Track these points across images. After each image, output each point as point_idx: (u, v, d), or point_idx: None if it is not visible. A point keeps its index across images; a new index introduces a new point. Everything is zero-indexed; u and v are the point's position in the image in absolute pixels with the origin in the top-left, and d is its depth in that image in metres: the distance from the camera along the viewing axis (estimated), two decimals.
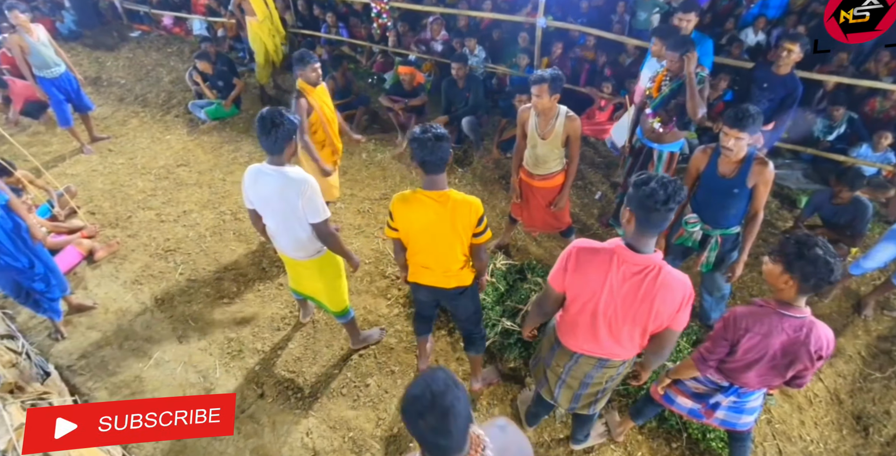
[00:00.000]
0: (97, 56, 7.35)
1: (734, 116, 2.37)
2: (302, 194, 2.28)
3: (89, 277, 3.74)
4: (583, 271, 1.76)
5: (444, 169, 2.09)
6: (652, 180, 1.60)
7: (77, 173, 4.83)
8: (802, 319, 1.80)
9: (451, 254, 2.23)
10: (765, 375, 1.95)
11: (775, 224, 4.19)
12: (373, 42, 6.59)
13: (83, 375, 3.10)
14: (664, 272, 1.67)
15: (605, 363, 1.98)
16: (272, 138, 2.21)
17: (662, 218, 1.61)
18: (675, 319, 1.73)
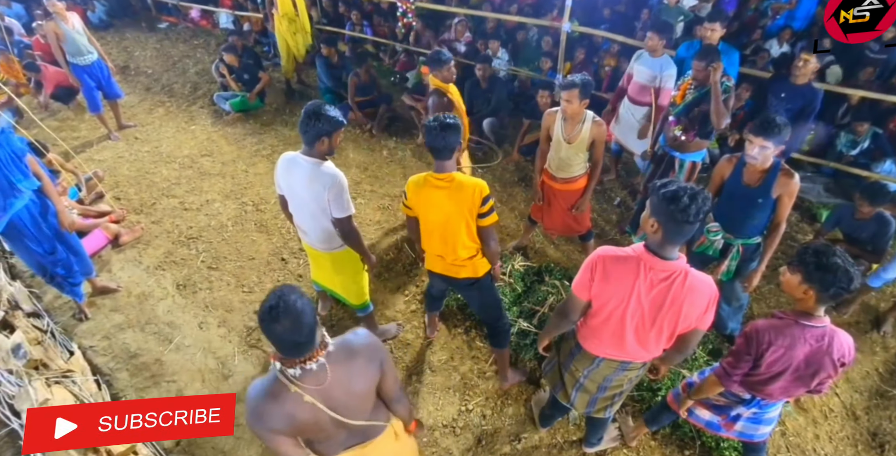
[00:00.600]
0: (126, 45, 7.49)
1: (760, 124, 2.38)
2: (330, 188, 2.31)
3: (114, 261, 3.82)
4: (610, 280, 1.77)
5: (449, 156, 2.20)
6: (682, 194, 1.57)
7: (104, 159, 4.93)
8: (824, 329, 1.81)
9: (459, 237, 2.30)
10: (790, 386, 1.94)
11: (795, 237, 4.17)
12: (396, 41, 6.65)
13: (105, 355, 3.17)
14: (691, 276, 1.69)
15: (627, 366, 2.00)
16: (310, 130, 2.25)
17: (691, 230, 1.63)
18: (701, 320, 1.75)
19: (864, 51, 5.39)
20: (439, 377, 3.00)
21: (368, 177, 4.72)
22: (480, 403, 2.86)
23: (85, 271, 3.26)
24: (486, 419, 2.79)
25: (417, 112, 5.21)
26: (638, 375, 2.08)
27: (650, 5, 6.16)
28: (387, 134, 5.36)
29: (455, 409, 2.84)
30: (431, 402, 2.88)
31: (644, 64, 3.82)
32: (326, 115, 2.21)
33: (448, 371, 3.03)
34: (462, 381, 2.98)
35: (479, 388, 2.94)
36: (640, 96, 3.90)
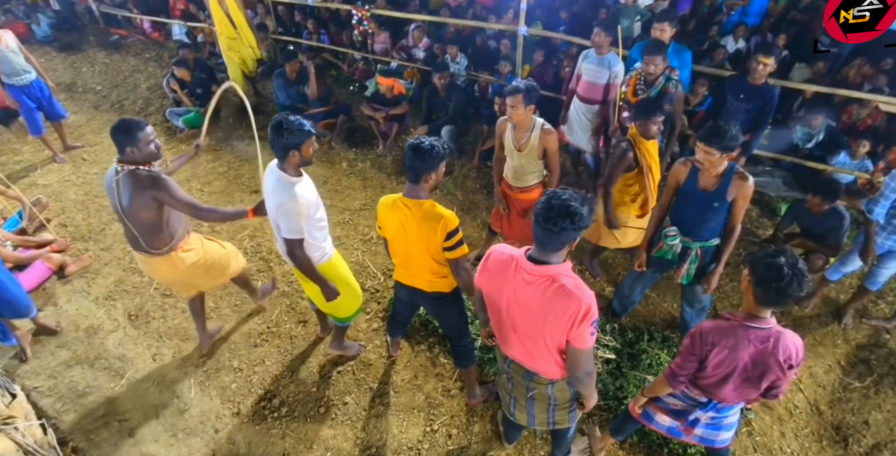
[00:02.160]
0: (73, 61, 7.21)
1: (707, 132, 2.39)
2: (279, 206, 2.25)
3: (60, 293, 3.63)
4: (490, 274, 1.80)
5: (419, 180, 2.13)
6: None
7: (49, 183, 4.70)
8: (769, 330, 1.81)
9: (424, 262, 2.28)
10: (740, 388, 1.94)
11: (755, 232, 4.22)
12: (354, 49, 6.54)
13: (51, 396, 3.00)
14: (559, 284, 1.62)
15: (533, 377, 1.96)
16: (277, 144, 2.20)
17: (555, 235, 1.57)
18: (570, 334, 1.67)
19: (816, 44, 5.51)
20: (403, 398, 2.93)
21: (328, 191, 4.61)
22: (446, 423, 2.80)
23: (18, 314, 3.06)
24: (451, 439, 2.73)
25: (376, 122, 5.12)
26: (550, 394, 2.00)
27: (607, 5, 6.20)
28: (346, 145, 5.25)
29: (420, 430, 2.77)
30: (395, 424, 2.80)
31: (591, 62, 3.83)
32: (291, 126, 2.17)
33: (412, 391, 2.96)
34: (427, 400, 2.91)
35: (444, 406, 2.87)
36: (590, 95, 3.90)
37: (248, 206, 2.58)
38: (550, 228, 1.54)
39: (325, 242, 2.55)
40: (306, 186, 2.33)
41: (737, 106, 3.66)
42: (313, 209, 2.36)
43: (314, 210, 2.38)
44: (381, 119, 5.03)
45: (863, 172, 4.40)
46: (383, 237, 2.39)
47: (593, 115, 3.99)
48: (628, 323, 3.35)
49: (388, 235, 2.32)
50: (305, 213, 2.29)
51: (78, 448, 2.75)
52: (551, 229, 1.54)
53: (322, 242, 2.52)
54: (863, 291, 3.37)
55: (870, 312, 3.57)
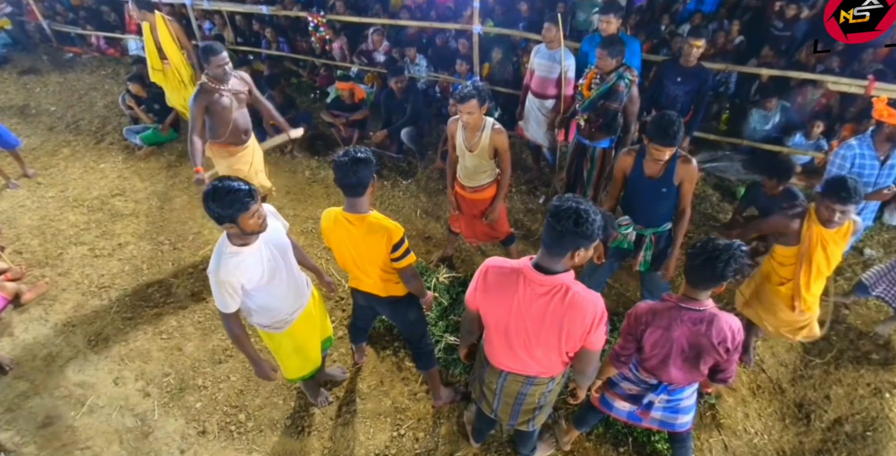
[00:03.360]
0: (25, 82, 7.03)
1: (663, 133, 2.36)
2: (209, 273, 2.03)
3: (16, 323, 3.53)
4: (491, 291, 1.75)
5: (362, 193, 2.11)
6: (565, 207, 1.54)
7: (2, 210, 4.57)
8: (702, 312, 1.86)
9: (373, 271, 2.27)
10: (682, 369, 1.99)
11: (716, 217, 4.28)
12: (314, 56, 6.49)
13: (9, 429, 2.92)
14: (572, 292, 1.64)
15: (533, 381, 1.96)
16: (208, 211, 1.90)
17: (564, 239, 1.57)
18: (587, 340, 1.70)
19: (770, 28, 5.62)
20: (370, 404, 2.91)
21: (291, 200, 4.57)
22: (412, 427, 2.79)
23: None
24: (418, 442, 2.72)
25: (337, 129, 5.09)
26: (549, 389, 2.03)
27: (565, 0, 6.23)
28: (308, 154, 5.20)
29: (387, 435, 2.76)
30: (362, 431, 2.79)
31: (542, 57, 3.86)
32: (223, 197, 1.82)
33: (378, 397, 2.94)
34: (393, 405, 2.89)
35: (410, 410, 2.86)
36: (543, 89, 3.93)
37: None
38: (555, 226, 1.53)
39: (275, 318, 2.25)
40: (246, 260, 1.98)
41: (674, 89, 3.76)
42: (253, 283, 2.03)
43: (255, 284, 2.04)
44: (342, 125, 5.00)
45: (819, 152, 4.49)
46: (330, 247, 2.37)
47: (547, 109, 4.01)
48: None
49: (333, 248, 2.31)
50: (237, 289, 2.00)
51: None
52: (555, 227, 1.53)
53: (269, 316, 2.22)
54: None
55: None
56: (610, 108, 3.35)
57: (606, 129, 3.44)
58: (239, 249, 1.97)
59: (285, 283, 2.18)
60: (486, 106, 2.79)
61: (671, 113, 2.45)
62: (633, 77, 3.29)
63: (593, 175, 3.76)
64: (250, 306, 2.15)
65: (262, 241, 2.04)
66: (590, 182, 3.79)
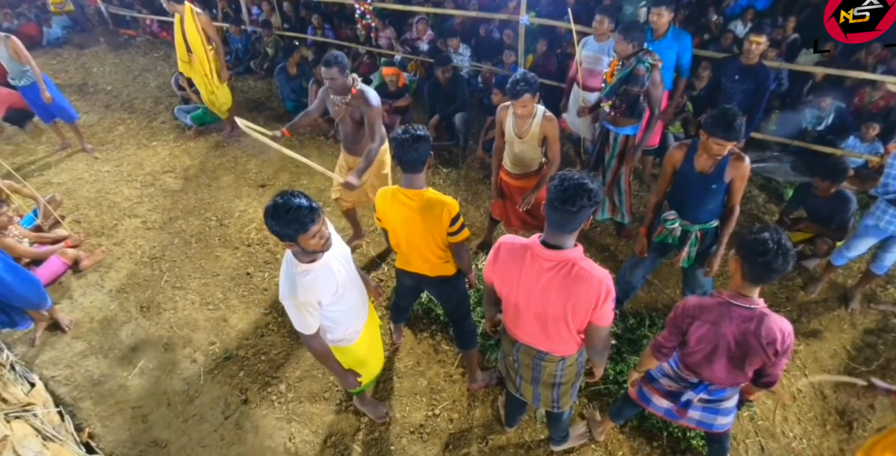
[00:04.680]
0: (84, 62, 7.35)
1: (717, 126, 2.32)
2: (282, 299, 1.95)
3: (75, 287, 3.75)
4: (502, 265, 1.81)
5: (420, 169, 2.18)
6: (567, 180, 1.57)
7: (63, 182, 4.83)
8: (752, 310, 1.82)
9: (428, 249, 2.31)
10: (726, 368, 1.96)
11: (762, 218, 4.17)
12: (358, 43, 6.57)
13: (68, 385, 3.11)
14: (578, 267, 1.66)
15: (544, 357, 1.99)
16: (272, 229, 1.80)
17: (568, 217, 1.60)
18: (594, 315, 1.72)
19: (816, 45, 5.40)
20: (406, 383, 2.98)
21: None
22: (448, 407, 2.84)
23: (32, 305, 3.19)
24: (453, 423, 2.77)
25: None
26: (560, 369, 2.04)
27: None
28: None
29: (422, 414, 2.82)
30: (398, 408, 2.86)
31: (590, 49, 3.82)
32: (285, 215, 1.72)
33: (414, 376, 3.01)
34: (429, 385, 2.95)
35: (445, 392, 2.92)
36: (590, 82, 3.89)
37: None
38: (569, 209, 1.55)
39: (347, 330, 2.19)
40: (317, 275, 1.90)
41: (732, 87, 3.66)
42: (329, 298, 1.98)
43: (331, 298, 1.99)
44: (385, 111, 5.06)
45: (873, 155, 4.32)
46: (382, 228, 2.42)
47: (592, 102, 3.97)
48: (629, 309, 3.35)
49: (388, 227, 2.35)
50: (316, 307, 1.95)
51: (94, 434, 2.86)
52: (570, 209, 1.55)
53: (343, 328, 2.17)
54: (869, 276, 3.32)
55: (878, 297, 3.52)
56: (631, 93, 3.31)
57: (630, 114, 3.41)
58: (309, 267, 1.88)
59: (354, 293, 2.15)
60: (537, 96, 2.81)
61: (732, 107, 2.41)
62: (655, 61, 3.23)
63: (613, 162, 3.71)
64: (324, 323, 2.07)
65: (329, 253, 1.95)
66: (609, 168, 3.75)
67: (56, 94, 4.84)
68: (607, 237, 4.01)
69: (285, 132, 3.20)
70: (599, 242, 3.96)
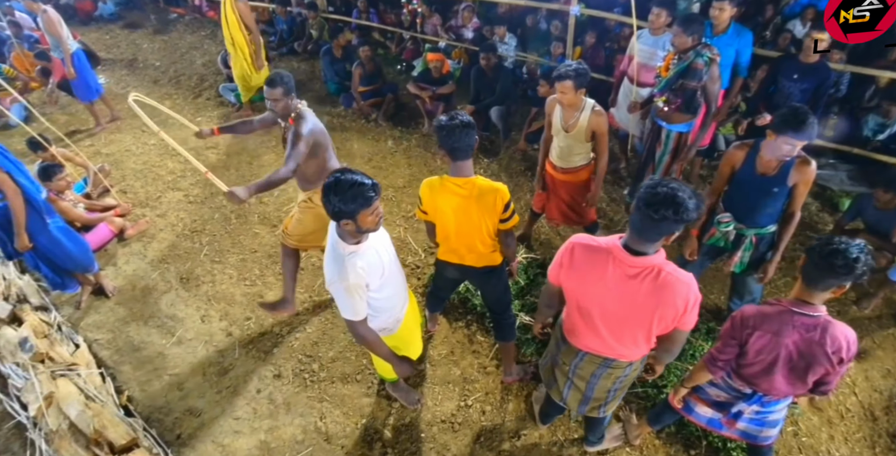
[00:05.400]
0: (134, 38, 7.52)
1: (800, 124, 2.18)
2: (329, 283, 1.90)
3: (119, 255, 3.85)
4: (578, 269, 1.72)
5: (470, 155, 2.13)
6: (660, 189, 1.48)
7: (111, 153, 4.96)
8: (816, 318, 1.73)
9: (477, 238, 2.27)
10: (787, 378, 1.87)
11: (815, 227, 3.99)
12: (402, 28, 6.52)
13: (109, 348, 3.20)
14: (665, 274, 1.58)
15: (611, 363, 1.92)
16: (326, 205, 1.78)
17: (663, 226, 1.51)
18: (681, 320, 1.65)
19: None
20: (439, 371, 2.96)
21: (373, 168, 4.66)
22: (480, 399, 2.81)
23: (81, 268, 3.29)
24: (485, 415, 2.74)
25: (423, 101, 5.11)
26: (626, 374, 1.98)
27: None
28: (392, 123, 5.28)
29: (454, 404, 2.80)
30: (430, 396, 2.84)
31: (645, 43, 3.70)
32: (343, 191, 1.70)
33: (448, 365, 2.99)
34: (462, 376, 2.93)
35: (479, 383, 2.89)
36: (643, 77, 3.76)
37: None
38: (651, 215, 1.48)
39: (389, 319, 2.14)
40: (365, 256, 1.86)
41: (790, 86, 3.51)
42: (376, 281, 1.93)
43: (378, 281, 1.94)
44: (428, 98, 5.02)
45: None
46: (426, 221, 2.36)
47: (643, 98, 3.85)
48: None
49: (436, 217, 2.28)
50: (365, 290, 1.90)
51: (132, 397, 2.94)
52: (652, 216, 1.48)
53: (385, 317, 2.11)
54: None
55: None
56: (688, 88, 3.20)
57: (686, 109, 3.29)
58: (356, 248, 1.84)
59: (398, 277, 2.11)
60: (582, 89, 2.73)
61: (802, 105, 2.28)
62: (714, 55, 3.10)
63: (665, 159, 3.59)
64: (368, 312, 1.99)
65: (372, 235, 1.92)
66: (660, 166, 3.63)
67: (84, 72, 4.92)
68: None
69: (215, 131, 3.01)
70: None
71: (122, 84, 6.34)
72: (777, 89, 3.62)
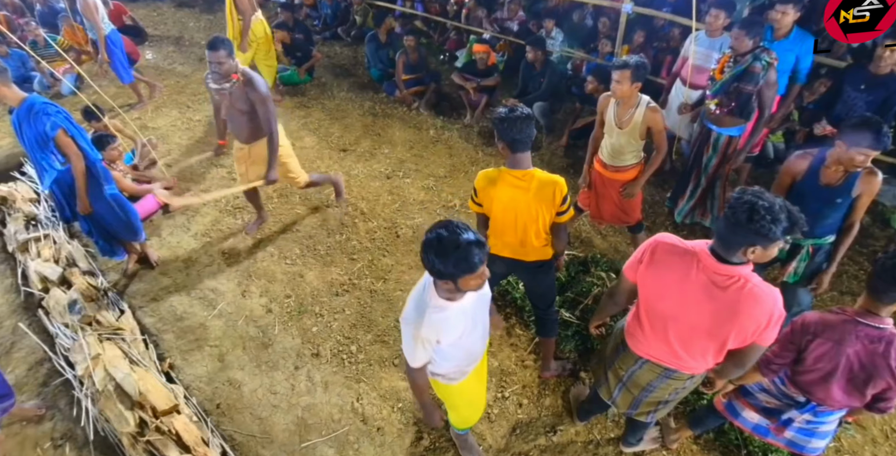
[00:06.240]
0: (180, 17, 7.63)
1: (876, 133, 2.10)
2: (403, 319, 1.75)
3: (164, 226, 3.93)
4: (658, 268, 1.67)
5: (529, 147, 2.12)
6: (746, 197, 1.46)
7: (158, 127, 5.05)
8: (882, 330, 1.69)
9: (532, 231, 2.25)
10: (844, 389, 1.82)
11: (864, 242, 3.87)
12: (447, 18, 6.49)
13: (153, 316, 3.28)
14: (751, 285, 1.54)
15: (672, 374, 1.88)
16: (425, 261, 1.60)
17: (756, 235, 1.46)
18: (762, 335, 1.59)
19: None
20: None
21: (414, 155, 4.67)
22: (517, 392, 2.81)
23: (131, 236, 3.37)
24: (521, 408, 2.74)
25: (466, 92, 5.09)
26: (685, 386, 1.95)
27: None
28: (434, 113, 5.27)
29: (491, 395, 2.80)
30: None
31: (701, 45, 3.62)
32: (447, 253, 1.49)
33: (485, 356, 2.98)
34: (499, 367, 2.93)
35: (516, 376, 2.88)
36: (696, 79, 3.69)
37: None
38: (728, 218, 1.47)
39: (453, 370, 1.97)
40: (450, 316, 1.69)
41: (855, 97, 3.39)
42: (451, 340, 1.76)
43: (453, 340, 1.77)
44: (472, 89, 5.00)
45: None
46: (480, 213, 2.34)
47: (695, 101, 3.77)
48: None
49: (491, 210, 2.26)
50: (433, 344, 1.75)
51: (174, 365, 3.00)
52: (729, 219, 1.47)
53: (449, 366, 1.94)
54: None
55: None
56: (744, 91, 3.12)
57: (739, 113, 3.21)
58: (445, 304, 1.66)
59: (478, 340, 1.93)
60: (638, 84, 2.70)
61: (872, 115, 2.21)
62: (772, 59, 3.02)
63: (712, 164, 3.51)
64: (433, 356, 1.85)
65: (471, 295, 1.72)
66: (707, 170, 3.55)
67: (118, 57, 4.98)
68: None
69: (221, 143, 3.37)
70: None
71: (169, 60, 6.44)
72: (841, 99, 3.51)
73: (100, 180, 3.04)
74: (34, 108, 2.77)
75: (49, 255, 3.48)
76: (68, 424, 2.71)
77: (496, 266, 2.55)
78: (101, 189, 3.05)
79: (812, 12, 5.76)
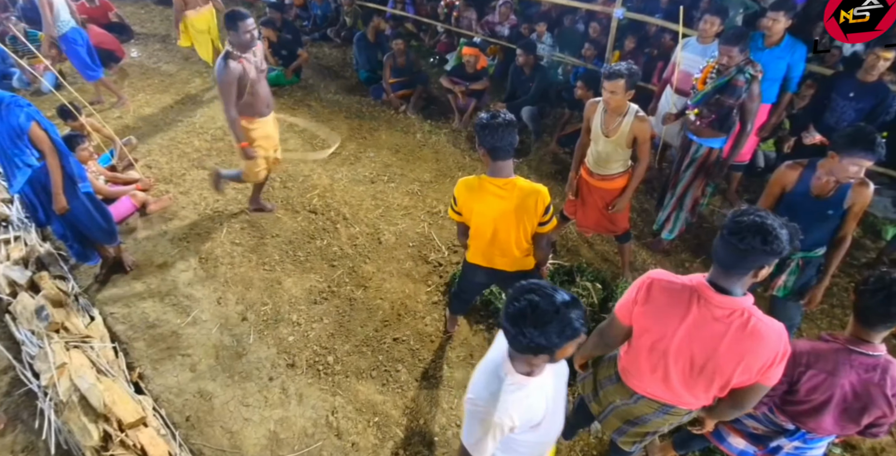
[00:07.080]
0: (168, 14, 7.48)
1: (869, 143, 2.04)
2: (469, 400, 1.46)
3: (140, 229, 3.81)
4: (653, 306, 1.57)
5: (511, 155, 2.06)
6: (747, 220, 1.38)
7: (139, 126, 4.93)
8: (876, 358, 1.63)
9: (513, 241, 2.19)
10: (838, 420, 1.75)
11: (855, 254, 3.83)
12: (437, 21, 6.42)
13: (124, 323, 3.16)
14: (755, 320, 1.45)
15: (669, 410, 1.79)
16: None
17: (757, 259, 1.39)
18: (765, 374, 1.49)
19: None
20: (456, 374, 2.88)
21: (399, 160, 4.58)
22: None
23: (106, 240, 3.25)
24: None
25: (455, 95, 5.02)
26: (681, 421, 1.88)
27: None
28: (421, 117, 5.19)
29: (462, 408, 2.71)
30: (446, 399, 2.76)
31: (692, 51, 3.57)
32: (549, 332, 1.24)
33: (466, 368, 2.90)
34: None
35: None
36: (686, 86, 3.63)
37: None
38: (736, 244, 1.36)
39: None
40: (530, 396, 1.39)
41: (844, 105, 3.37)
42: (526, 426, 1.43)
43: (522, 428, 1.43)
44: (461, 93, 4.93)
45: None
46: (460, 222, 2.28)
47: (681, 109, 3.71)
48: None
49: (471, 219, 2.19)
50: (506, 431, 1.40)
51: (143, 374, 2.89)
52: (737, 246, 1.36)
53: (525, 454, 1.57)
54: None
55: None
56: (725, 104, 3.05)
57: (718, 126, 3.14)
58: (524, 381, 1.37)
59: (553, 426, 1.55)
60: (631, 91, 2.63)
61: (865, 124, 2.17)
62: (756, 72, 2.94)
63: (688, 173, 3.42)
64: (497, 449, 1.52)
65: (550, 366, 1.45)
66: (682, 180, 3.46)
67: (80, 55, 4.83)
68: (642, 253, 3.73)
69: (243, 145, 3.36)
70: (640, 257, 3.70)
71: (154, 59, 6.32)
72: (829, 107, 3.47)
73: (74, 178, 2.93)
74: (4, 102, 2.67)
75: (19, 257, 3.36)
76: (30, 437, 2.60)
77: (477, 276, 2.49)
78: (75, 187, 2.94)
79: (805, 21, 5.77)
